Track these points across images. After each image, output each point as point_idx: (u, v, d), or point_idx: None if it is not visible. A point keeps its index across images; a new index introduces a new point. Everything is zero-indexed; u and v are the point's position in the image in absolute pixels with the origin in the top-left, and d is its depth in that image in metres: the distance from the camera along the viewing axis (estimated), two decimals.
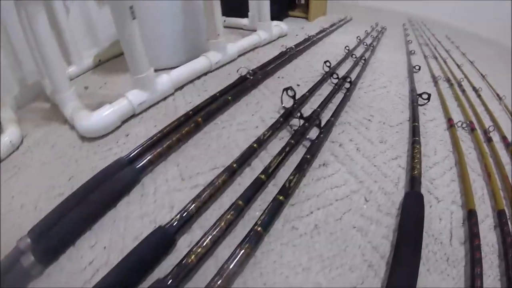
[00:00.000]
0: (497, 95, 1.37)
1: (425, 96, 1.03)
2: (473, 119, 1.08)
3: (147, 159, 0.70)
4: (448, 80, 1.35)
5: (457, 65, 1.64)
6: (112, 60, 1.45)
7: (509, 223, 0.65)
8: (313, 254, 0.54)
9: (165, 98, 0.97)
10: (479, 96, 1.31)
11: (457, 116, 1.04)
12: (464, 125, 1.01)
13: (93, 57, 1.38)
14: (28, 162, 0.81)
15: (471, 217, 0.65)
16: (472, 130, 0.99)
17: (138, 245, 0.53)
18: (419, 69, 1.30)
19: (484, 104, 1.25)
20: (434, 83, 1.27)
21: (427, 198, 0.69)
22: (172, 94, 0.99)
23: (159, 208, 0.63)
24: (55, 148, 0.85)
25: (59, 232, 0.59)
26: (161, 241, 0.54)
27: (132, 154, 0.72)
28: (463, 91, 1.30)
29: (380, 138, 0.82)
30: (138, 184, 0.69)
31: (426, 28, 2.76)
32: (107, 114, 0.85)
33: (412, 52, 1.66)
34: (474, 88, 1.37)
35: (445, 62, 1.63)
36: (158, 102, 0.96)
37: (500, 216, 0.68)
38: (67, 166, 0.77)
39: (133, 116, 0.92)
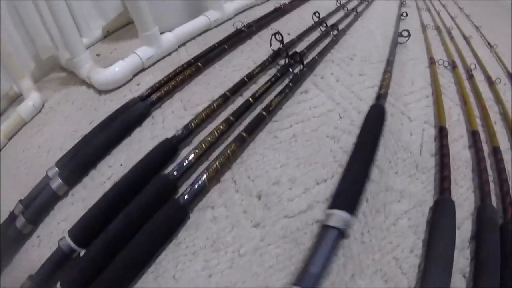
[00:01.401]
0: (489, 43, 1.42)
1: (405, 33, 1.09)
2: (458, 60, 1.15)
3: (156, 96, 0.82)
4: (437, 28, 1.40)
5: (451, 16, 1.67)
6: (119, 31, 1.56)
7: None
8: (290, 155, 0.65)
9: (170, 54, 1.08)
10: (468, 43, 1.36)
11: (440, 57, 1.09)
12: (446, 63, 1.08)
13: (101, 28, 1.49)
14: (51, 119, 0.90)
15: (442, 132, 0.72)
16: (454, 68, 1.06)
17: (147, 153, 0.63)
18: (406, 15, 1.35)
19: (472, 50, 1.30)
20: (423, 31, 1.32)
21: (399, 118, 0.77)
22: (176, 49, 1.10)
23: (167, 131, 0.73)
24: (75, 104, 0.95)
25: (81, 157, 0.68)
26: (166, 149, 0.64)
27: (144, 94, 0.84)
28: (452, 38, 1.36)
29: (360, 72, 0.91)
30: (149, 116, 0.80)
31: None
32: (120, 68, 0.97)
33: (404, 3, 1.67)
34: (464, 36, 1.41)
35: (438, 14, 1.67)
36: (164, 57, 1.07)
37: (474, 136, 0.74)
38: (87, 114, 0.87)
39: (142, 70, 1.04)
